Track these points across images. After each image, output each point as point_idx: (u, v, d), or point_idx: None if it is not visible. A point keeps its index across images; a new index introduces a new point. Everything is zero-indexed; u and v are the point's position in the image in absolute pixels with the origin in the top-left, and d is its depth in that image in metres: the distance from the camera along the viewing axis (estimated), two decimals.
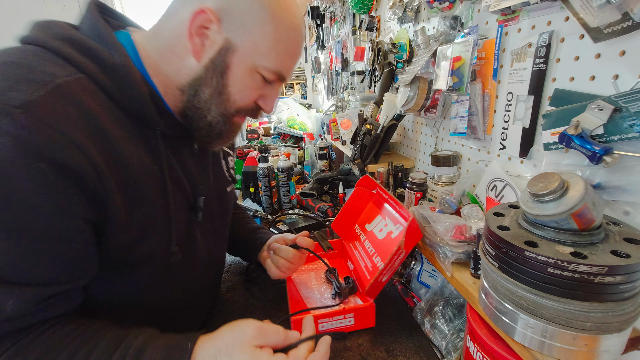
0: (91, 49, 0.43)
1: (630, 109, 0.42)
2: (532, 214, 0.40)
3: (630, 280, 0.34)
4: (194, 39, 0.46)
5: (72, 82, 0.40)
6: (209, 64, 0.47)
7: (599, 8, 0.45)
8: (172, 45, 0.48)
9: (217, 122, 0.51)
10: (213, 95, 0.49)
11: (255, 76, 0.50)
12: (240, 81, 0.49)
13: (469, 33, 0.71)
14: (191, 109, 0.50)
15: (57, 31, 0.43)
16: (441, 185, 0.79)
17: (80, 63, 0.42)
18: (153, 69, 0.49)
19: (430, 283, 0.80)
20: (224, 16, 0.46)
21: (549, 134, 0.54)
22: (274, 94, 0.55)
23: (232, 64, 0.48)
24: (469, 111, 0.76)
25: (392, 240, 0.75)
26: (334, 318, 0.69)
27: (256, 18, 0.46)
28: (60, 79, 0.39)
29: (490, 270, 0.44)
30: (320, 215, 1.26)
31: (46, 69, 0.39)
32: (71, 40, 0.43)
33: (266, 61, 0.49)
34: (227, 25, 0.46)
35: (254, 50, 0.48)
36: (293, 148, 2.08)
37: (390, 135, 1.05)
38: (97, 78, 0.43)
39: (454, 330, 0.66)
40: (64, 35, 0.43)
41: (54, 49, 0.41)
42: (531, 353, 0.41)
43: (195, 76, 0.48)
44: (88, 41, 0.44)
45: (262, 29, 0.47)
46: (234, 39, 0.47)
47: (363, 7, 1.27)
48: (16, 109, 0.34)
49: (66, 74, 0.40)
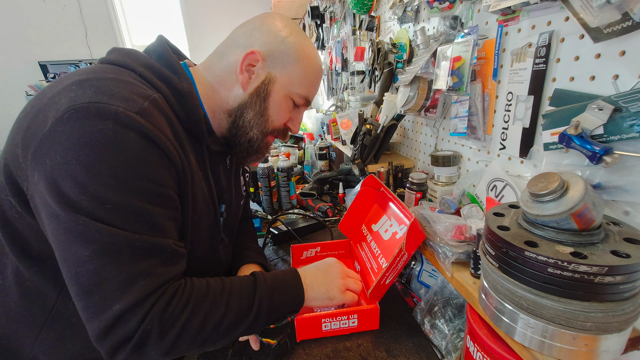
0: (165, 75, 0.54)
1: (630, 109, 0.42)
2: (532, 214, 0.40)
3: (630, 280, 0.34)
4: (243, 74, 0.59)
5: (157, 98, 0.50)
6: (254, 92, 0.61)
7: (599, 8, 0.45)
8: (222, 79, 0.61)
9: (256, 139, 0.64)
10: (256, 116, 0.62)
11: (289, 101, 0.64)
12: (278, 105, 0.63)
13: (469, 33, 0.71)
14: (236, 127, 0.63)
15: (141, 59, 0.54)
16: (441, 185, 0.79)
17: (158, 86, 0.53)
18: (205, 97, 0.62)
19: (430, 283, 0.80)
20: (268, 56, 0.60)
21: (549, 134, 0.54)
22: (300, 117, 0.69)
23: (272, 91, 0.61)
24: (469, 111, 0.76)
25: (396, 241, 0.75)
26: (338, 319, 0.69)
27: (291, 58, 0.61)
28: (153, 95, 0.50)
29: (490, 270, 0.44)
30: (320, 215, 1.26)
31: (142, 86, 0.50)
32: (151, 67, 0.54)
33: (298, 89, 0.63)
34: (270, 63, 0.60)
35: (289, 81, 0.62)
36: (293, 148, 2.08)
37: (390, 135, 1.05)
38: (168, 99, 0.53)
39: (454, 330, 0.66)
40: (146, 63, 0.54)
41: (140, 73, 0.52)
42: (531, 353, 0.41)
43: (242, 102, 0.61)
44: (162, 69, 0.55)
45: (295, 66, 0.61)
46: (274, 73, 0.61)
47: (363, 7, 1.27)
48: (136, 114, 0.45)
49: (153, 92, 0.51)
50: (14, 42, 3.65)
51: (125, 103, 0.45)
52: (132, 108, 0.45)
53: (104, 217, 0.43)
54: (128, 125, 0.44)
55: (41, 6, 3.60)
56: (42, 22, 3.64)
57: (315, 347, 0.68)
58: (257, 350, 0.67)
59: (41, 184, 0.43)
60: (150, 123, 0.46)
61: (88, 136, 0.42)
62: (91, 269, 0.43)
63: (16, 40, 3.65)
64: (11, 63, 3.70)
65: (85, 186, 0.42)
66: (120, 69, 0.52)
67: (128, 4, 3.91)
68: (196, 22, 3.96)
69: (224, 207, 0.68)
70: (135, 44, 4.03)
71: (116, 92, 0.46)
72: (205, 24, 3.99)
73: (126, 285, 0.44)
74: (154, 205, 0.47)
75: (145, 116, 0.46)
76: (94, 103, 0.43)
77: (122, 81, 0.48)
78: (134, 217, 0.45)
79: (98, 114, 0.43)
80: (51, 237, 0.45)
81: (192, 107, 0.56)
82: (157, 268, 0.47)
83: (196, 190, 0.57)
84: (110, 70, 0.50)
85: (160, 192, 0.48)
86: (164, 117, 0.50)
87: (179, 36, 3.99)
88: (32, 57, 3.73)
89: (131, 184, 0.45)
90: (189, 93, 0.55)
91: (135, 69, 0.52)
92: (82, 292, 0.44)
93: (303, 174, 1.78)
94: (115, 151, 0.43)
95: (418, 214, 0.68)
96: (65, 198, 0.42)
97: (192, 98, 0.56)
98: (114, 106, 0.44)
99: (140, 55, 0.56)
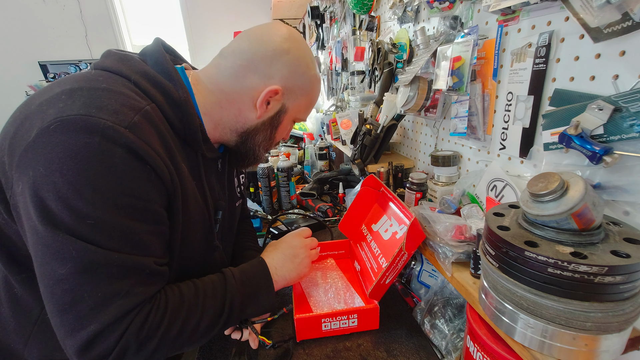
0: (161, 83, 0.54)
1: (630, 109, 0.42)
2: (532, 214, 0.40)
3: (630, 280, 0.34)
4: (262, 106, 0.60)
5: (150, 109, 0.50)
6: (267, 121, 0.63)
7: (599, 8, 0.44)
8: (234, 99, 0.61)
9: (261, 156, 0.68)
10: (265, 140, 0.65)
11: (292, 123, 0.68)
12: (284, 129, 0.67)
13: (469, 33, 0.70)
14: (245, 147, 0.65)
15: (136, 67, 0.53)
16: (441, 185, 0.79)
17: (153, 95, 0.52)
18: (205, 107, 0.60)
19: (430, 283, 0.80)
20: (286, 91, 0.61)
21: (549, 134, 0.54)
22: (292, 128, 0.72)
23: (283, 120, 0.65)
24: (469, 111, 0.76)
25: (396, 240, 0.75)
26: (338, 319, 0.69)
27: (303, 90, 0.63)
28: (145, 107, 0.49)
29: (490, 270, 0.44)
30: (320, 215, 1.26)
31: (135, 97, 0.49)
32: (146, 75, 0.53)
33: (303, 115, 0.68)
34: (286, 97, 0.62)
35: (298, 110, 0.65)
36: (293, 148, 2.08)
37: (390, 135, 1.05)
38: (163, 108, 0.53)
39: (454, 330, 0.66)
40: (142, 71, 0.53)
41: (135, 82, 0.52)
42: (531, 353, 0.41)
43: (252, 126, 0.63)
44: (158, 76, 0.54)
45: (304, 97, 0.64)
46: (287, 104, 0.63)
47: (363, 7, 1.27)
48: (125, 129, 0.44)
49: (146, 103, 0.50)
50: (14, 42, 3.65)
51: (114, 117, 0.44)
52: (121, 122, 0.44)
53: (84, 234, 0.42)
54: (116, 140, 0.43)
55: (41, 6, 3.60)
56: (42, 22, 3.64)
57: (315, 347, 0.68)
58: (259, 351, 0.67)
59: (24, 195, 0.42)
60: (139, 138, 0.45)
61: (73, 149, 0.41)
62: (67, 288, 0.42)
63: (16, 40, 3.65)
64: (11, 63, 3.70)
65: (67, 200, 0.41)
66: (114, 76, 0.51)
67: (128, 4, 3.90)
68: (196, 22, 3.95)
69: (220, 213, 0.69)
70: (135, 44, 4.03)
71: (106, 104, 0.45)
72: (206, 24, 3.99)
73: (102, 305, 0.43)
74: (137, 222, 0.46)
75: (134, 131, 0.45)
76: (82, 116, 0.42)
77: (114, 92, 0.47)
78: (116, 234, 0.44)
79: (85, 128, 0.42)
80: (31, 249, 0.44)
81: (189, 116, 0.55)
82: (135, 287, 0.46)
83: (188, 201, 0.56)
84: (104, 79, 0.49)
85: (145, 208, 0.47)
86: (156, 130, 0.50)
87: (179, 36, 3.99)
88: (32, 57, 3.72)
89: (114, 200, 0.44)
90: (185, 102, 0.54)
91: (130, 77, 0.51)
92: (57, 309, 0.43)
93: (303, 174, 1.78)
94: (100, 166, 0.42)
95: (418, 214, 0.68)
96: (47, 212, 0.41)
97: (188, 107, 0.55)
98: (103, 120, 0.43)
99: (135, 61, 0.54)
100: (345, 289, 0.81)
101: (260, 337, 0.63)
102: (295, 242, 0.73)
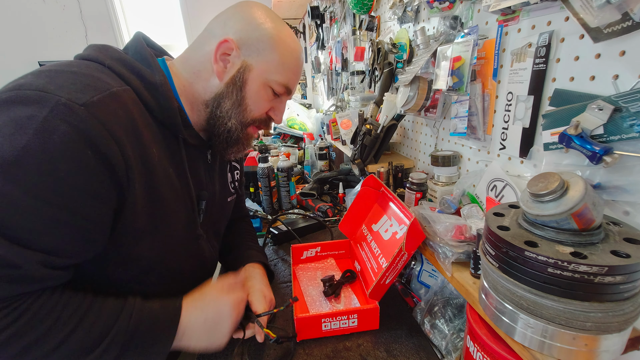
0: (137, 68, 0.54)
1: (630, 109, 0.42)
2: (532, 214, 0.40)
3: (630, 280, 0.34)
4: (218, 63, 0.58)
5: (121, 91, 0.49)
6: (230, 81, 0.59)
7: (599, 8, 0.44)
8: (199, 70, 0.60)
9: (235, 129, 0.62)
10: (233, 105, 0.60)
11: (267, 90, 0.62)
12: (256, 94, 0.61)
13: (469, 33, 0.71)
14: (214, 118, 0.61)
15: (112, 54, 0.54)
16: (441, 185, 0.79)
17: (128, 78, 0.52)
18: (181, 89, 0.61)
19: (430, 283, 0.80)
20: (242, 44, 0.58)
21: (549, 134, 0.54)
22: (282, 107, 0.67)
23: (249, 80, 0.60)
24: (469, 111, 0.76)
25: (396, 240, 0.75)
26: (338, 318, 0.69)
27: (266, 44, 0.59)
28: (114, 88, 0.48)
29: (490, 270, 0.44)
30: (320, 215, 1.26)
31: (105, 80, 0.48)
32: (122, 61, 0.53)
33: (276, 76, 0.61)
34: (244, 51, 0.59)
35: (266, 69, 0.60)
36: (293, 148, 2.08)
37: (390, 135, 1.05)
38: (139, 91, 0.52)
39: (454, 330, 0.66)
40: (118, 57, 0.53)
41: (110, 67, 0.51)
42: (531, 353, 0.41)
43: (218, 92, 0.60)
44: (135, 62, 0.54)
45: (271, 52, 0.60)
46: (250, 61, 0.59)
47: (363, 7, 1.27)
48: (80, 106, 0.43)
49: (118, 85, 0.49)
50: (14, 42, 3.65)
51: (72, 94, 0.43)
52: (77, 99, 0.43)
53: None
54: (64, 117, 0.41)
55: (41, 6, 3.60)
56: (42, 22, 3.64)
57: (315, 347, 0.68)
58: (259, 351, 0.67)
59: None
60: (93, 116, 0.43)
61: (16, 120, 0.40)
62: None
63: (16, 40, 3.65)
64: (11, 63, 3.70)
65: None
66: (89, 63, 0.51)
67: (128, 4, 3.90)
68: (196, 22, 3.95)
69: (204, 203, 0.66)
70: None
71: (69, 83, 0.44)
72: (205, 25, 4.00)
73: None
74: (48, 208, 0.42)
75: (90, 108, 0.43)
76: (39, 91, 0.42)
77: (83, 74, 0.46)
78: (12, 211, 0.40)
79: (36, 101, 0.41)
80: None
81: (166, 99, 0.54)
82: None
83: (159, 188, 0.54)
84: (78, 65, 0.49)
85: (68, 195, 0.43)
86: (124, 112, 0.48)
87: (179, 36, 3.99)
88: (32, 57, 3.72)
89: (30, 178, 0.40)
90: (161, 85, 0.54)
91: (104, 62, 0.51)
92: None
93: (303, 174, 1.78)
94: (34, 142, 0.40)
95: (418, 214, 0.68)
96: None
97: (165, 90, 0.54)
98: (58, 96, 0.42)
99: (114, 49, 0.55)
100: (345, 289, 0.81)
101: (265, 330, 0.63)
102: (225, 309, 0.59)
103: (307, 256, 0.96)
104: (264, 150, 1.74)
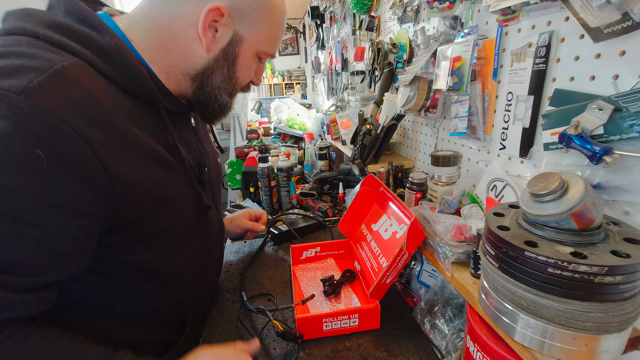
0: (80, 33, 0.43)
1: (630, 109, 0.42)
2: (532, 214, 0.40)
3: (630, 280, 0.34)
4: (207, 33, 0.49)
5: (69, 66, 0.39)
6: (220, 54, 0.52)
7: (599, 8, 0.45)
8: (175, 34, 0.50)
9: (226, 103, 0.58)
10: (224, 81, 0.55)
11: (256, 59, 0.58)
12: (246, 66, 0.56)
13: (469, 33, 0.71)
14: (204, 94, 0.55)
15: (42, 18, 0.43)
16: (441, 185, 0.79)
17: (73, 48, 0.42)
18: (149, 55, 0.50)
19: (430, 283, 0.80)
20: (233, 12, 0.50)
21: (549, 134, 0.54)
22: (262, 69, 0.63)
23: (240, 52, 0.54)
24: (469, 111, 0.76)
25: (396, 240, 0.75)
26: (339, 318, 0.69)
27: (259, 13, 0.52)
28: (59, 64, 0.39)
29: (490, 270, 0.44)
30: (320, 215, 1.26)
31: (43, 55, 0.39)
32: (59, 26, 0.43)
33: (266, 47, 0.56)
34: (235, 19, 0.51)
35: (258, 39, 0.54)
36: (293, 148, 2.08)
37: (390, 135, 1.05)
38: (92, 62, 0.43)
39: (454, 330, 0.66)
40: (51, 22, 0.43)
41: (45, 37, 0.41)
42: (531, 353, 0.41)
43: (206, 65, 0.52)
44: (74, 26, 0.43)
45: (264, 22, 0.53)
46: (242, 31, 0.52)
47: (363, 7, 1.27)
48: (17, 95, 0.34)
49: (63, 59, 0.40)
50: None
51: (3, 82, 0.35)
52: (13, 88, 0.35)
53: None
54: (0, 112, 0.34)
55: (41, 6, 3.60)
56: None
57: (315, 346, 0.68)
58: (261, 351, 0.67)
59: None
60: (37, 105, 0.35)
61: None
62: None
63: None
64: None
65: None
66: (15, 37, 0.41)
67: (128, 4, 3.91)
68: None
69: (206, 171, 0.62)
70: None
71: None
72: None
73: None
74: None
75: (33, 95, 0.35)
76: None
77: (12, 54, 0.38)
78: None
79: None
80: None
81: (129, 65, 0.45)
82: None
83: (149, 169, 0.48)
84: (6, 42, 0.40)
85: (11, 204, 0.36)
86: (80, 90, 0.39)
87: None
88: None
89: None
90: (118, 50, 0.44)
91: (37, 32, 0.41)
92: None
93: (303, 174, 1.78)
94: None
95: (418, 214, 0.68)
96: None
97: (124, 55, 0.45)
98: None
99: (41, 12, 0.44)
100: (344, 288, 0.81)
101: (273, 322, 0.65)
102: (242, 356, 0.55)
103: (306, 256, 0.96)
104: (264, 150, 1.74)
